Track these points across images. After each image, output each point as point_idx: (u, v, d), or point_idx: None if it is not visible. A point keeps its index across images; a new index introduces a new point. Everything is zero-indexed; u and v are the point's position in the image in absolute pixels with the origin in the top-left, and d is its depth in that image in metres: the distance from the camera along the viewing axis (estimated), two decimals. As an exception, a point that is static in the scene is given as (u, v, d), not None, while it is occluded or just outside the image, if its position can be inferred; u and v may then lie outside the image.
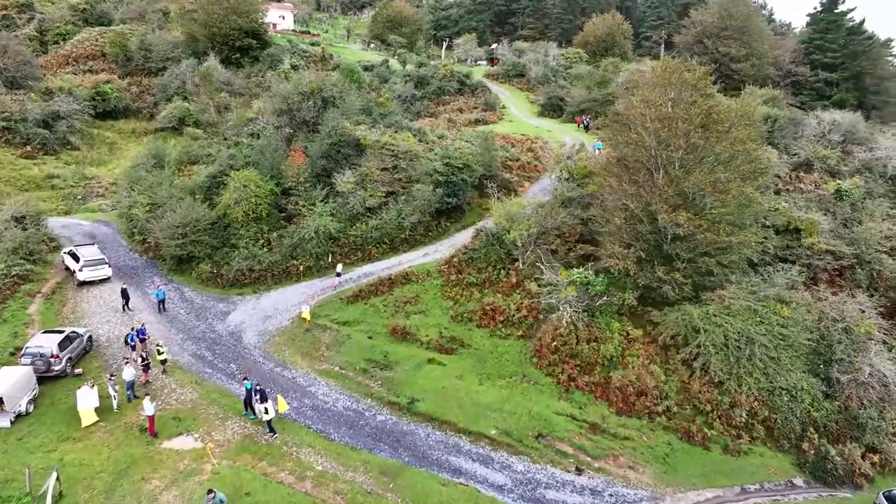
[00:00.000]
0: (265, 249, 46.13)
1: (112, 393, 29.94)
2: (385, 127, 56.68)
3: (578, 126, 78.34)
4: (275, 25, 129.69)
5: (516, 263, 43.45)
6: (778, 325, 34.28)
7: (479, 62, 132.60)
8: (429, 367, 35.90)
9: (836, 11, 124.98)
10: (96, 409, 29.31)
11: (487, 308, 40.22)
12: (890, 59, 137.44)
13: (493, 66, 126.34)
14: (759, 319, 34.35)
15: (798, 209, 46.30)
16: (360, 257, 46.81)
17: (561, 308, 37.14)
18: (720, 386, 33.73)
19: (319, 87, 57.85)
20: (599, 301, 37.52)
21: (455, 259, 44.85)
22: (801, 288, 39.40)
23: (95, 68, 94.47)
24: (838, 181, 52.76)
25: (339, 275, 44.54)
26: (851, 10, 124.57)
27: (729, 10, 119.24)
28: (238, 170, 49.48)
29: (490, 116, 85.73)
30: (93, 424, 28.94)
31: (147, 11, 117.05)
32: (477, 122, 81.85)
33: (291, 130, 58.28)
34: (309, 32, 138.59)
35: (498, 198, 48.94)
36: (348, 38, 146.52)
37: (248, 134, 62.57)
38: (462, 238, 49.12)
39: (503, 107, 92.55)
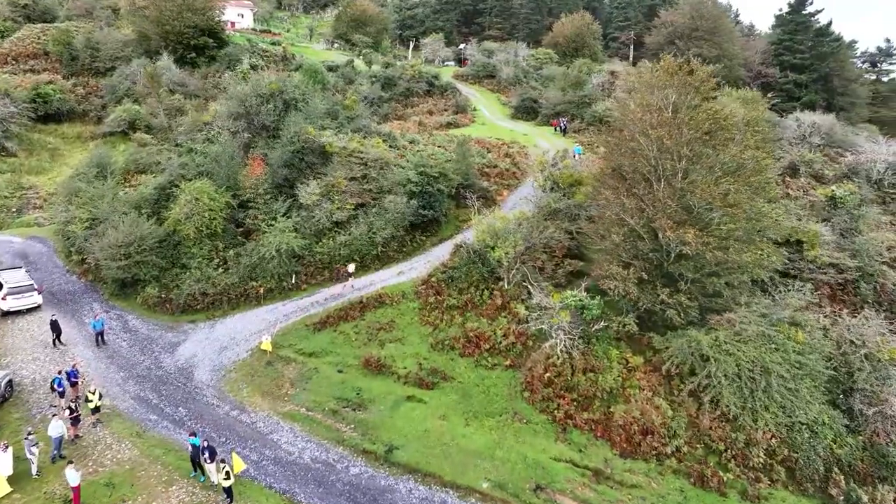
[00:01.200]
0: (220, 270, 41.35)
1: (29, 456, 24.93)
2: (352, 132, 52.31)
3: (555, 129, 75.03)
4: (233, 24, 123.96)
5: (500, 283, 39.57)
6: (794, 352, 30.98)
7: (446, 63, 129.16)
8: (408, 406, 31.74)
9: (803, 13, 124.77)
10: (9, 478, 24.35)
11: (471, 334, 36.22)
12: (854, 60, 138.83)
13: (462, 66, 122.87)
14: (773, 346, 31.01)
15: (797, 219, 43.44)
16: (327, 277, 42.35)
17: (554, 335, 33.38)
18: (733, 421, 30.32)
19: (280, 88, 53.19)
20: (596, 326, 33.85)
21: (433, 279, 40.74)
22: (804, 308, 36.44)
23: (37, 68, 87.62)
24: (832, 188, 50.16)
25: (349, 275, 41.14)
26: (819, 11, 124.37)
27: (700, 10, 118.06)
28: (190, 180, 44.64)
29: (462, 119, 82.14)
30: (5, 497, 23.99)
31: (95, 8, 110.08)
32: (448, 125, 78.16)
33: (250, 136, 53.46)
34: (269, 31, 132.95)
35: (478, 210, 44.96)
36: (311, 37, 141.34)
37: (202, 140, 57.49)
38: (439, 253, 45.09)
39: (474, 109, 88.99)
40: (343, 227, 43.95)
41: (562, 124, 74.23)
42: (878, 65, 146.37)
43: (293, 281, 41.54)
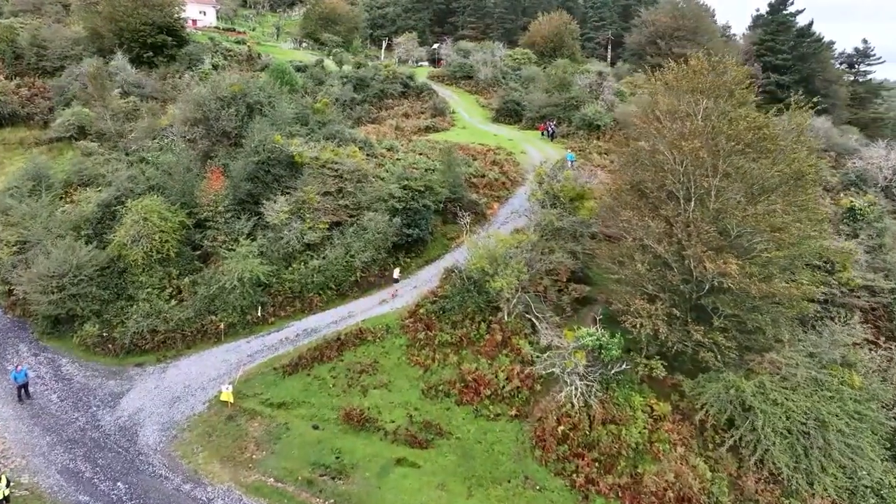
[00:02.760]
0: (174, 302, 35.55)
1: None
2: (324, 139, 46.76)
3: (542, 134, 70.19)
4: (195, 22, 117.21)
5: (499, 314, 34.52)
6: (851, 400, 26.56)
7: (420, 63, 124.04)
8: (398, 473, 26.48)
9: (784, 13, 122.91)
10: None
11: (468, 377, 31.06)
12: (832, 61, 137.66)
13: (436, 67, 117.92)
14: (828, 394, 26.55)
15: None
16: (298, 308, 36.75)
17: (567, 380, 28.48)
18: (784, 484, 25.78)
19: (243, 90, 47.35)
20: (616, 369, 29.02)
21: (421, 310, 35.45)
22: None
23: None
24: (850, 198, 46.31)
25: (396, 281, 38.69)
26: (800, 11, 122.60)
27: (682, 9, 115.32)
28: (140, 195, 38.75)
29: (440, 122, 76.85)
30: None
31: (43, 3, 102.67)
32: (427, 129, 72.83)
33: (210, 144, 47.48)
34: (234, 30, 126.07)
35: (470, 229, 39.84)
36: (278, 36, 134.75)
37: (156, 148, 51.41)
38: (426, 276, 39.91)
39: (453, 111, 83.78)
40: (316, 250, 38.36)
41: (549, 128, 69.47)
42: (856, 66, 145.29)
43: (259, 314, 35.90)
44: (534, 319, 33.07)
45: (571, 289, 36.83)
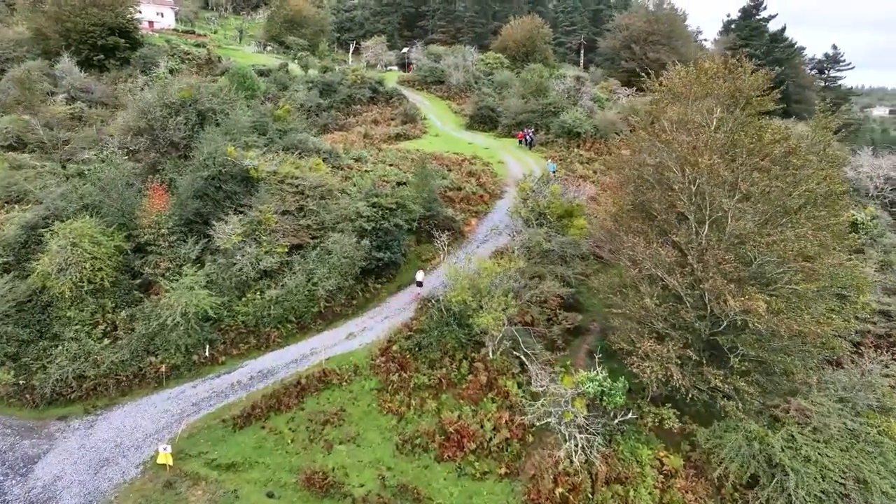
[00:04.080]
0: (107, 341, 30.60)
1: None
2: (284, 150, 42.28)
3: (520, 142, 66.49)
4: (152, 24, 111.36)
5: (483, 350, 30.41)
6: (893, 454, 23.06)
7: (390, 67, 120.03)
8: (369, 554, 22.22)
9: (757, 18, 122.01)
10: None
11: (450, 428, 26.85)
12: (803, 67, 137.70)
13: (406, 71, 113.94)
14: (867, 448, 23.00)
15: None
16: (253, 345, 32.10)
17: (566, 434, 24.52)
18: (820, 556, 22.14)
19: (193, 96, 42.56)
20: (620, 418, 25.17)
21: (394, 346, 31.15)
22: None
23: None
24: (852, 212, 43.34)
25: (419, 284, 36.09)
26: (773, 16, 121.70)
27: (656, 14, 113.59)
28: (71, 216, 33.84)
29: (412, 130, 72.71)
30: None
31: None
32: (398, 136, 68.68)
33: (157, 155, 42.57)
34: (194, 32, 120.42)
35: (446, 248, 35.73)
36: (241, 39, 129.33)
37: (97, 160, 46.20)
38: (398, 304, 35.72)
39: (424, 118, 79.78)
40: (274, 278, 33.74)
41: (528, 136, 65.82)
42: (826, 71, 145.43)
43: (206, 353, 31.19)
44: (522, 357, 29.06)
45: (562, 318, 33.01)
